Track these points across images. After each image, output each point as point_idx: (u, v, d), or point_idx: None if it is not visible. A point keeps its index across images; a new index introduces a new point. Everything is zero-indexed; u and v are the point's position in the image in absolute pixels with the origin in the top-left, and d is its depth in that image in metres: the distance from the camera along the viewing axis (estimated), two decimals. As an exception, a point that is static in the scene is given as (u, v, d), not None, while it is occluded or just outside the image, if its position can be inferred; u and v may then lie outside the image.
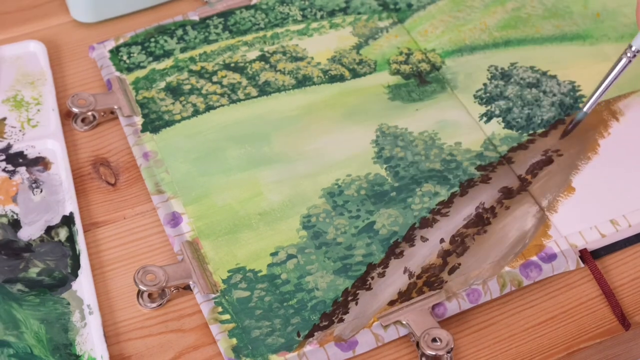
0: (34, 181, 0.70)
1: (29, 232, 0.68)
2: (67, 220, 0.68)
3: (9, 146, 0.73)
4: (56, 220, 0.68)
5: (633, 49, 0.68)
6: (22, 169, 0.71)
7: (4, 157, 0.72)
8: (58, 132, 0.73)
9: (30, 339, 0.61)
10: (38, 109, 0.75)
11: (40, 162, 0.72)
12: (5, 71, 0.78)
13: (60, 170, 0.71)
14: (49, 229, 0.68)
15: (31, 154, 0.72)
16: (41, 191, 0.70)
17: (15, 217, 0.68)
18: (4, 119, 0.75)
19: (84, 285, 0.65)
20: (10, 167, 0.71)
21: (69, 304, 0.64)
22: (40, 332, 0.62)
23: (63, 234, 0.67)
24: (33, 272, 0.65)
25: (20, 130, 0.74)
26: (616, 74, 0.70)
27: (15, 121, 0.74)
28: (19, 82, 0.77)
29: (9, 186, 0.70)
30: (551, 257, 0.65)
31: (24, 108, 0.75)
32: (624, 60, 0.69)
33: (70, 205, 0.69)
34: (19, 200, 0.69)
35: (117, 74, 0.78)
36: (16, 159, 0.72)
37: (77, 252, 0.66)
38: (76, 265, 0.66)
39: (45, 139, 0.73)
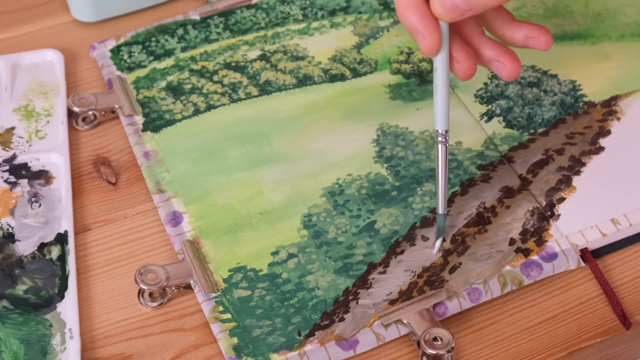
0: (34, 195, 0.69)
1: (22, 248, 0.66)
2: (61, 239, 0.67)
3: (14, 157, 0.71)
4: (50, 237, 0.67)
5: (440, 131, 0.61)
6: (24, 182, 0.70)
7: (7, 167, 0.71)
8: (64, 146, 0.72)
9: (7, 359, 0.60)
10: (48, 121, 0.74)
11: (43, 176, 0.70)
12: (20, 79, 0.77)
13: (62, 186, 0.70)
14: (42, 246, 0.66)
15: (35, 166, 0.71)
16: (40, 206, 0.68)
17: (10, 230, 0.67)
18: (13, 128, 0.73)
19: (68, 308, 0.63)
20: (12, 179, 0.70)
21: (51, 325, 0.62)
22: (19, 353, 0.60)
23: (55, 252, 0.66)
24: (20, 289, 0.64)
25: (27, 141, 0.72)
26: (443, 163, 0.62)
27: (24, 131, 0.73)
28: (33, 91, 0.76)
29: (9, 198, 0.69)
30: (552, 257, 0.65)
31: (33, 119, 0.74)
32: (441, 147, 0.62)
33: (66, 223, 0.67)
34: (16, 214, 0.68)
35: (118, 73, 0.78)
36: (19, 171, 0.71)
37: (67, 273, 0.65)
38: (63, 286, 0.64)
39: (51, 152, 0.72)
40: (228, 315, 0.63)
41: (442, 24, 0.56)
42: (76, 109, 0.74)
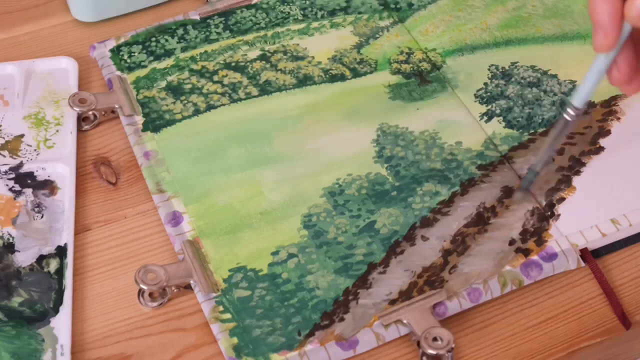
0: (37, 205, 0.68)
1: (21, 259, 0.65)
2: (61, 252, 0.66)
3: (20, 165, 0.71)
4: (50, 249, 0.66)
5: (575, 105, 0.62)
6: (29, 191, 0.69)
7: (13, 175, 0.70)
8: (71, 157, 0.71)
9: None
10: (57, 130, 0.73)
11: (48, 186, 0.70)
12: (33, 86, 0.76)
13: (65, 198, 0.69)
14: (40, 258, 0.65)
15: (40, 176, 0.70)
16: (42, 217, 0.68)
17: (10, 240, 0.66)
18: (22, 135, 0.73)
19: (61, 324, 0.62)
20: (17, 187, 0.69)
21: (43, 340, 0.61)
22: None
23: (54, 265, 0.65)
24: (15, 301, 0.63)
25: (35, 150, 0.72)
26: (558, 133, 0.64)
27: (32, 139, 0.72)
28: (45, 99, 0.75)
29: (12, 207, 0.68)
30: (552, 257, 0.65)
31: (43, 127, 0.73)
32: (565, 120, 0.63)
33: (66, 236, 0.67)
34: (18, 224, 0.67)
35: (118, 73, 0.78)
36: (25, 180, 0.70)
37: (63, 287, 0.64)
38: (59, 301, 0.63)
39: (57, 162, 0.71)
40: (228, 315, 0.63)
41: (626, 25, 0.56)
42: (76, 109, 0.74)
